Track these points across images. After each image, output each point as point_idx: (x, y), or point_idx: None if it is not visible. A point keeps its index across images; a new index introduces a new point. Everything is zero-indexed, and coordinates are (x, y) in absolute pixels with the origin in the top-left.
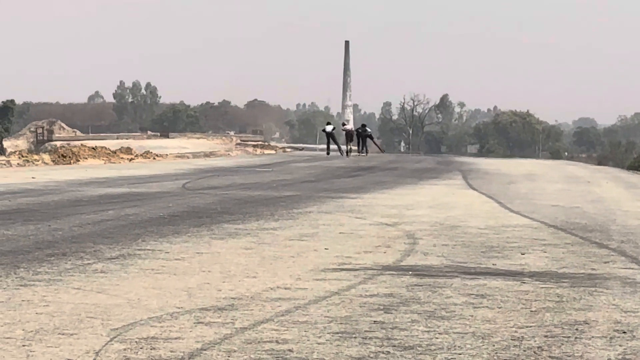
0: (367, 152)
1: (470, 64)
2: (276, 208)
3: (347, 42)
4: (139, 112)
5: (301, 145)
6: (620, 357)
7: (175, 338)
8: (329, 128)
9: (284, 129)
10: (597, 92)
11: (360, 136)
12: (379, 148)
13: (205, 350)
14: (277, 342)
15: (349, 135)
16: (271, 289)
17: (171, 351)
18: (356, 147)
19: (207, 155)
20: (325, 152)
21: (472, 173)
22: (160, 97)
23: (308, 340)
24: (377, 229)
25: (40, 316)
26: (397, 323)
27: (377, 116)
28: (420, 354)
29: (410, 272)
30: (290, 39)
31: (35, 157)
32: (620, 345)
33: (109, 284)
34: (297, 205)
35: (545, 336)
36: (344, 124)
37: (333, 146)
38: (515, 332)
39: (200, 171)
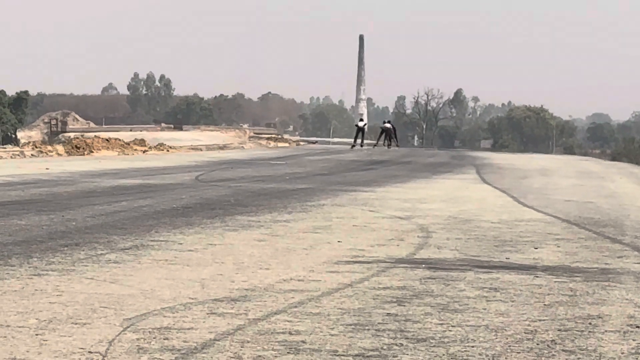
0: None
1: (484, 59)
2: (289, 201)
3: (361, 36)
4: (152, 104)
5: (315, 138)
6: (633, 351)
7: (189, 328)
8: (361, 123)
9: (297, 122)
10: (612, 88)
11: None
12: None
13: (218, 340)
14: (290, 333)
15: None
16: (284, 280)
17: (184, 341)
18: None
19: (221, 147)
20: (352, 146)
21: (485, 167)
22: (174, 89)
23: (321, 331)
24: (390, 222)
25: (54, 305)
26: (410, 315)
27: (391, 110)
28: (434, 346)
29: (424, 265)
30: (304, 32)
31: (49, 148)
32: (633, 340)
33: (122, 274)
34: (311, 198)
35: (559, 330)
36: (384, 122)
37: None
38: (529, 325)
39: (213, 163)
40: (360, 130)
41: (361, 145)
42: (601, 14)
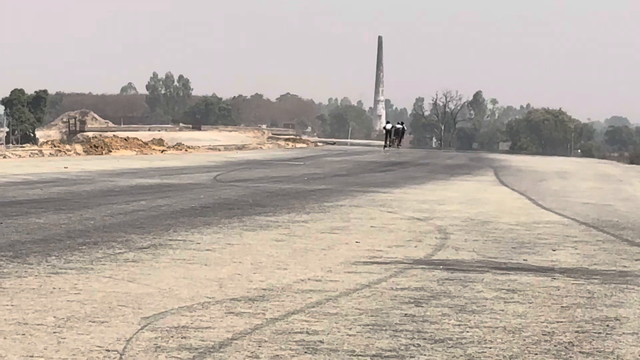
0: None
1: (503, 61)
2: (307, 201)
3: (380, 38)
4: (171, 104)
5: (333, 139)
6: None
7: (206, 327)
8: (388, 126)
9: (316, 124)
10: (630, 92)
11: (396, 133)
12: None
13: (235, 340)
14: (307, 333)
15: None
16: (302, 280)
17: (202, 340)
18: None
19: (239, 148)
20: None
21: (503, 170)
22: (192, 89)
23: (338, 331)
24: (408, 224)
25: (72, 304)
26: (427, 316)
27: (410, 112)
28: (451, 347)
29: (441, 267)
30: (323, 33)
31: (68, 147)
32: None
33: (140, 273)
34: (329, 199)
35: (576, 332)
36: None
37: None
38: (546, 327)
39: (231, 164)
40: (389, 132)
41: (397, 146)
42: (619, 17)
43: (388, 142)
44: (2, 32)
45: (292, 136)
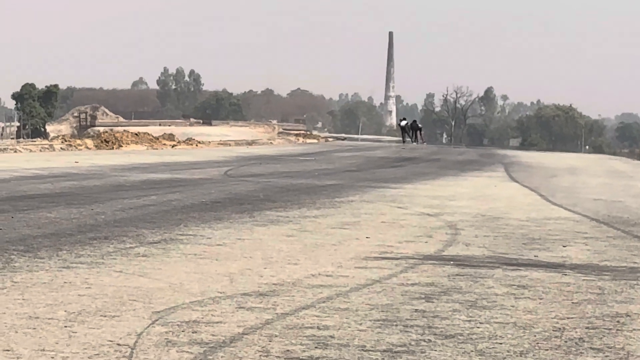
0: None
1: (514, 57)
2: (318, 196)
3: (390, 33)
4: (182, 99)
5: (343, 135)
6: None
7: (217, 322)
8: (403, 123)
9: (326, 119)
10: None
11: (413, 129)
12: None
13: (246, 334)
14: (318, 328)
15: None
16: (313, 275)
17: (212, 335)
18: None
19: (250, 143)
20: (402, 142)
21: (514, 166)
22: (203, 84)
23: (349, 327)
24: (418, 219)
25: (83, 298)
26: (438, 312)
27: (420, 108)
28: (462, 342)
29: (452, 262)
30: (334, 28)
31: (78, 141)
32: None
33: (151, 267)
34: (339, 194)
35: (587, 328)
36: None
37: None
38: (557, 323)
39: (242, 159)
40: (403, 129)
41: (412, 142)
42: (630, 13)
43: (406, 138)
44: (13, 26)
45: (302, 131)
